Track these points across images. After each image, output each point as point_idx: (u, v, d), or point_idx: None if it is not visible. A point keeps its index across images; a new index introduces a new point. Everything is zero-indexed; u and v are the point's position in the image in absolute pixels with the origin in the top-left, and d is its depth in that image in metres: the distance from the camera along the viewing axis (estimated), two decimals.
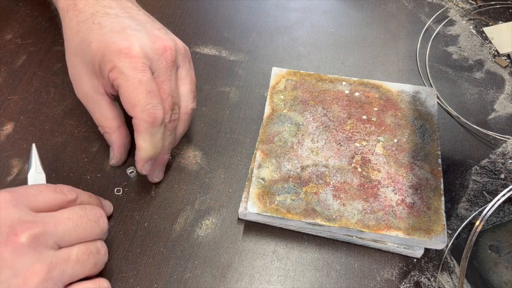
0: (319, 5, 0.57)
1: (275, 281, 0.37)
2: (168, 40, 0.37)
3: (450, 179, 0.44)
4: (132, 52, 0.34)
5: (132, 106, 0.34)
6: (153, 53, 0.35)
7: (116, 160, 0.41)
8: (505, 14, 0.57)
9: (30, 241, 0.28)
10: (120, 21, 0.36)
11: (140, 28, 0.36)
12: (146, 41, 0.35)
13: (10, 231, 0.28)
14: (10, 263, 0.27)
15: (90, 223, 0.32)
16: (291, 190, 0.39)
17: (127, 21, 0.37)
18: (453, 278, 0.38)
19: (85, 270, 0.31)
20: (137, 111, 0.34)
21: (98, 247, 0.32)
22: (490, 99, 0.49)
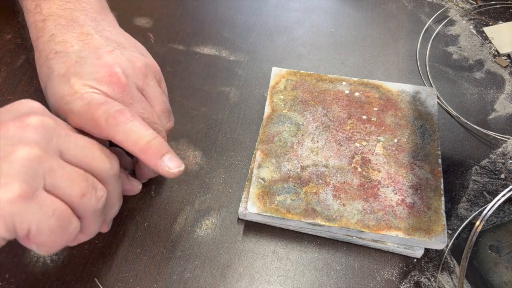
0: (319, 5, 0.57)
1: (275, 281, 0.37)
2: (114, 65, 0.34)
3: (450, 179, 0.44)
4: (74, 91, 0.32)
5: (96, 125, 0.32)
6: (99, 83, 0.33)
7: None
8: (505, 14, 0.57)
9: (37, 125, 0.27)
10: (67, 59, 0.34)
11: (85, 60, 0.34)
12: (89, 74, 0.33)
13: (24, 114, 0.28)
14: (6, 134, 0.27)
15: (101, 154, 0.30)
16: (291, 190, 0.38)
17: (74, 56, 0.34)
18: (453, 278, 0.38)
19: (71, 191, 0.28)
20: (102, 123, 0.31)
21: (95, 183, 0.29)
22: (490, 99, 0.49)
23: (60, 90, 0.33)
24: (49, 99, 0.34)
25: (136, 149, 0.32)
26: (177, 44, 0.52)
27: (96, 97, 0.32)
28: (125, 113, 0.32)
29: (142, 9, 0.55)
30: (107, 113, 0.31)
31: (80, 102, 0.32)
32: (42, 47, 0.36)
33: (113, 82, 0.33)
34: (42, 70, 0.36)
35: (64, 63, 0.34)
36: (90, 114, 0.31)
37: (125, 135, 0.31)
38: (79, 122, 0.32)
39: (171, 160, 0.33)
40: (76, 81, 0.33)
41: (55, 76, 0.34)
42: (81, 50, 0.35)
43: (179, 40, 0.53)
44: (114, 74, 0.33)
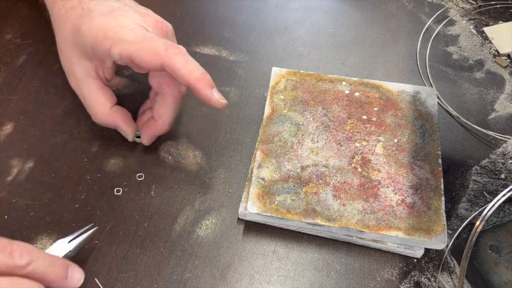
0: (319, 5, 0.57)
1: (275, 281, 0.37)
2: (156, 16, 0.38)
3: (450, 179, 0.44)
4: (125, 25, 0.35)
5: (155, 53, 0.34)
6: (147, 26, 0.36)
7: (131, 133, 0.41)
8: (505, 14, 0.57)
9: None
10: (108, 4, 0.37)
11: (128, 8, 0.37)
12: (136, 17, 0.36)
13: None
14: None
15: None
16: (291, 190, 0.38)
17: (115, 3, 0.37)
18: (453, 278, 0.38)
19: None
20: (162, 53, 0.34)
21: None
22: (490, 99, 0.49)
23: (108, 23, 0.35)
24: (87, 32, 0.35)
25: (192, 77, 0.34)
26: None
27: (149, 33, 0.35)
28: (182, 48, 0.35)
29: None
30: (167, 43, 0.34)
31: (133, 34, 0.35)
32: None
33: (158, 28, 0.37)
34: (72, 12, 0.37)
35: (105, 6, 0.37)
36: (148, 43, 0.34)
37: (183, 63, 0.34)
38: (131, 49, 0.34)
39: (218, 93, 0.36)
40: (125, 19, 0.35)
41: (97, 14, 0.36)
42: (119, 1, 0.38)
43: (179, 40, 0.52)
44: (159, 21, 0.37)
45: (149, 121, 0.41)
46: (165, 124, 0.40)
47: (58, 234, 0.38)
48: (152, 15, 0.38)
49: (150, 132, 0.41)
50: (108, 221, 0.39)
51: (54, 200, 0.40)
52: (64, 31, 0.38)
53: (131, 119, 0.42)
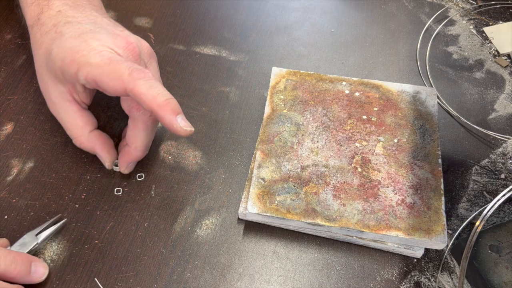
0: (319, 5, 0.57)
1: (275, 281, 0.37)
2: (129, 36, 0.37)
3: (450, 179, 0.44)
4: (92, 47, 0.34)
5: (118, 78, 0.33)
6: (117, 48, 0.35)
7: (108, 161, 0.40)
8: (505, 14, 0.57)
9: None
10: (80, 27, 0.36)
11: (100, 29, 0.36)
12: (106, 38, 0.35)
13: None
14: None
15: None
16: (291, 190, 0.38)
17: (88, 26, 0.37)
18: (453, 278, 0.38)
19: None
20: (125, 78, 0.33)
21: None
22: (490, 99, 0.49)
23: (76, 45, 0.34)
24: (56, 55, 0.35)
25: (155, 103, 0.33)
26: (177, 44, 0.52)
27: (116, 56, 0.34)
28: (147, 72, 0.34)
29: (142, 9, 0.55)
30: (131, 67, 0.33)
31: (100, 57, 0.34)
32: (47, 19, 0.38)
33: (129, 49, 0.36)
34: (46, 36, 0.37)
35: (77, 29, 0.36)
36: (112, 67, 0.33)
37: (146, 89, 0.33)
38: (95, 73, 0.33)
39: (184, 120, 0.34)
40: (94, 41, 0.35)
41: (68, 37, 0.35)
42: (94, 23, 0.37)
43: (179, 40, 0.53)
44: (130, 43, 0.36)
45: (124, 147, 0.40)
46: (138, 150, 0.38)
47: (58, 234, 0.38)
48: (125, 36, 0.36)
49: (125, 159, 0.40)
50: (108, 221, 0.39)
51: (54, 200, 0.40)
52: (39, 55, 0.38)
53: (111, 146, 0.40)
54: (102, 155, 0.40)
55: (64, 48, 0.35)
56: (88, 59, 0.34)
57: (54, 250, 0.38)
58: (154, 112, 0.33)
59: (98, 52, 0.34)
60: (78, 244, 0.38)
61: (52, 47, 0.36)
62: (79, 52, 0.34)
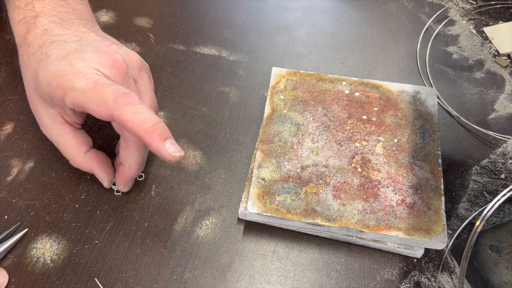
0: (319, 5, 0.57)
1: (275, 281, 0.37)
2: (115, 53, 0.35)
3: (450, 179, 0.44)
4: (77, 70, 0.33)
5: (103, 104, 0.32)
6: (102, 67, 0.34)
7: (106, 180, 0.40)
8: (505, 14, 0.57)
9: None
10: (65, 46, 0.35)
11: (86, 47, 0.35)
12: (91, 59, 0.34)
13: None
14: None
15: None
16: (291, 190, 0.38)
17: (74, 44, 0.35)
18: (453, 278, 0.38)
19: None
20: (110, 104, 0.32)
21: None
22: (490, 99, 0.49)
23: (60, 69, 0.33)
24: (42, 80, 0.34)
25: (142, 130, 0.32)
26: (177, 44, 0.52)
27: (101, 78, 0.33)
28: (133, 96, 0.33)
29: (142, 9, 0.55)
30: (116, 92, 0.32)
31: (84, 80, 0.32)
32: (34, 39, 0.37)
33: (115, 67, 0.34)
34: (33, 58, 0.36)
35: (63, 49, 0.35)
36: (96, 92, 0.32)
37: (132, 115, 0.32)
38: (80, 98, 0.32)
39: (173, 145, 0.33)
40: (79, 62, 0.33)
41: (53, 59, 0.34)
42: (80, 41, 0.36)
43: (179, 40, 0.53)
44: (117, 60, 0.34)
45: (119, 167, 0.39)
46: (132, 169, 0.38)
47: (58, 234, 0.38)
48: (111, 53, 0.35)
49: (121, 178, 0.39)
50: (108, 221, 0.39)
51: (54, 200, 0.40)
52: (27, 77, 0.37)
53: (108, 165, 0.40)
54: (99, 175, 0.39)
55: (49, 71, 0.34)
56: (72, 84, 0.32)
57: (54, 250, 0.38)
58: (141, 138, 0.32)
59: (83, 75, 0.33)
60: (78, 244, 0.38)
61: (38, 70, 0.35)
62: (64, 76, 0.33)
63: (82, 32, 0.38)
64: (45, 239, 0.38)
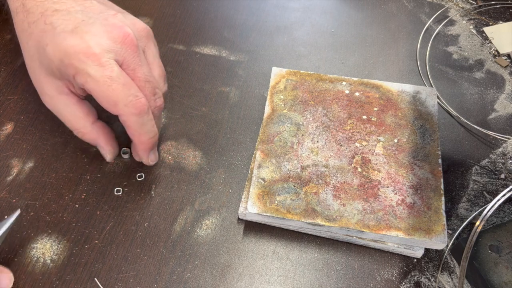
0: (319, 5, 0.57)
1: (275, 281, 0.37)
2: (124, 26, 0.35)
3: (450, 179, 0.44)
4: (91, 51, 0.32)
5: (113, 104, 0.33)
6: (114, 44, 0.33)
7: (110, 154, 0.40)
8: (505, 14, 0.57)
9: None
10: (71, 17, 0.34)
11: (93, 20, 0.34)
12: (102, 34, 0.33)
13: None
14: None
15: None
16: (291, 190, 0.38)
17: (79, 15, 0.34)
18: (453, 278, 0.38)
19: None
20: (120, 107, 0.33)
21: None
22: (490, 99, 0.49)
23: (72, 45, 0.32)
24: (52, 54, 0.33)
25: (138, 139, 0.35)
26: (177, 44, 0.52)
27: (116, 71, 0.33)
28: (144, 105, 0.34)
29: (142, 9, 0.55)
30: (129, 98, 0.33)
31: (100, 71, 0.32)
32: (34, 6, 0.35)
33: (127, 43, 0.34)
34: (35, 27, 0.34)
35: (69, 20, 0.34)
36: (110, 90, 0.33)
37: (136, 125, 0.34)
38: (92, 86, 0.33)
39: (154, 154, 0.39)
40: (91, 38, 0.33)
41: (60, 31, 0.33)
42: (84, 11, 0.35)
43: (179, 40, 0.53)
44: (127, 35, 0.34)
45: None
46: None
47: (58, 234, 0.38)
48: (120, 26, 0.34)
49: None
50: (108, 221, 0.39)
51: (54, 200, 0.40)
52: (29, 47, 0.36)
53: (114, 139, 0.40)
54: (105, 148, 0.39)
55: (59, 46, 0.33)
56: (87, 68, 0.32)
57: (54, 250, 0.38)
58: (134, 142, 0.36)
59: (98, 62, 0.32)
60: (78, 244, 0.38)
61: (45, 41, 0.34)
62: (77, 54, 0.32)
63: (84, 0, 0.36)
64: (45, 239, 0.38)
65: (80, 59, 0.32)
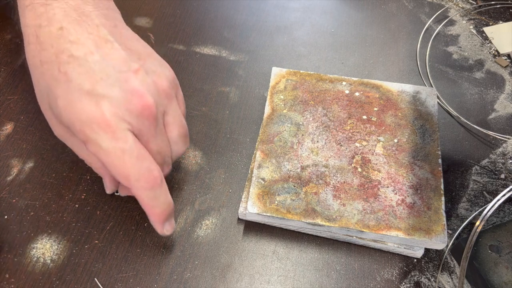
0: (319, 5, 0.57)
1: (275, 281, 0.37)
2: (145, 95, 0.31)
3: (450, 179, 0.44)
4: (106, 121, 0.30)
5: (124, 178, 0.31)
6: (131, 116, 0.31)
7: (111, 190, 0.39)
8: (505, 14, 0.57)
9: None
10: (89, 70, 0.30)
11: (113, 81, 0.31)
12: (120, 102, 0.30)
13: None
14: None
15: None
16: (291, 190, 0.38)
17: (97, 68, 0.31)
18: (453, 278, 0.38)
19: None
20: (131, 181, 0.31)
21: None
22: (490, 99, 0.49)
23: (86, 110, 0.30)
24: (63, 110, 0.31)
25: (150, 211, 0.33)
26: (177, 44, 0.52)
27: (130, 142, 0.30)
28: (158, 179, 0.32)
29: (142, 9, 0.55)
30: (140, 172, 0.31)
31: (114, 143, 0.30)
32: (47, 40, 0.31)
33: (145, 115, 0.31)
34: (47, 69, 0.31)
35: (86, 74, 0.30)
36: (122, 164, 0.31)
37: (148, 199, 0.32)
38: (102, 157, 0.31)
39: (170, 224, 0.35)
40: (108, 106, 0.30)
41: (75, 88, 0.30)
42: (104, 62, 0.31)
43: (179, 40, 0.53)
44: (147, 106, 0.31)
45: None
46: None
47: (58, 234, 0.38)
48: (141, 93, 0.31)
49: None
50: (108, 221, 0.39)
51: (54, 200, 0.40)
52: (40, 85, 0.33)
53: None
54: (108, 185, 0.38)
55: (72, 106, 0.30)
56: (98, 140, 0.30)
57: (54, 250, 0.38)
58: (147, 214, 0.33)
59: (111, 134, 0.30)
60: (78, 244, 0.38)
61: (57, 92, 0.31)
62: (90, 123, 0.30)
63: (105, 41, 0.32)
64: (45, 239, 0.38)
65: (93, 128, 0.30)
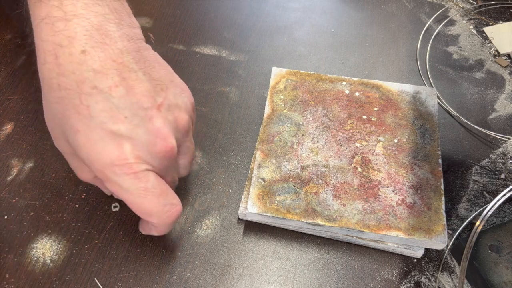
0: (319, 5, 0.57)
1: (275, 281, 0.37)
2: (169, 137, 0.31)
3: (450, 179, 0.44)
4: (128, 164, 0.29)
5: (147, 215, 0.31)
6: (153, 158, 0.30)
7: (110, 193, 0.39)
8: (505, 14, 0.57)
9: None
10: (113, 107, 0.29)
11: (138, 121, 0.29)
12: (144, 146, 0.30)
13: None
14: None
15: None
16: (291, 190, 0.38)
17: (122, 106, 0.29)
18: (453, 278, 0.38)
19: None
20: (154, 218, 0.31)
21: None
22: (490, 99, 0.49)
23: (109, 152, 0.29)
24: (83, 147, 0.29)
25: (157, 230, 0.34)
26: (177, 44, 0.52)
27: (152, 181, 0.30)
28: (179, 212, 0.33)
29: (142, 9, 0.55)
30: (164, 208, 0.31)
31: (136, 183, 0.30)
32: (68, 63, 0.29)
33: (166, 157, 0.31)
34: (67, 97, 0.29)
35: (109, 112, 0.29)
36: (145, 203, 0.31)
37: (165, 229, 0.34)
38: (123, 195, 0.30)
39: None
40: (131, 150, 0.29)
41: (98, 126, 0.29)
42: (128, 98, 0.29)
43: (179, 40, 0.53)
44: (169, 149, 0.31)
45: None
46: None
47: (58, 234, 0.38)
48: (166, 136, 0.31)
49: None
50: (108, 221, 0.39)
51: (54, 200, 0.40)
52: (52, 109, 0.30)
53: None
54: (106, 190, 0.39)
55: (93, 145, 0.29)
56: (120, 181, 0.29)
57: (54, 250, 0.38)
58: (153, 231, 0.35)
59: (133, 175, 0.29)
60: (78, 244, 0.38)
61: (77, 125, 0.29)
62: (112, 166, 0.29)
63: (129, 71, 0.30)
64: (45, 239, 0.38)
65: (114, 171, 0.29)
